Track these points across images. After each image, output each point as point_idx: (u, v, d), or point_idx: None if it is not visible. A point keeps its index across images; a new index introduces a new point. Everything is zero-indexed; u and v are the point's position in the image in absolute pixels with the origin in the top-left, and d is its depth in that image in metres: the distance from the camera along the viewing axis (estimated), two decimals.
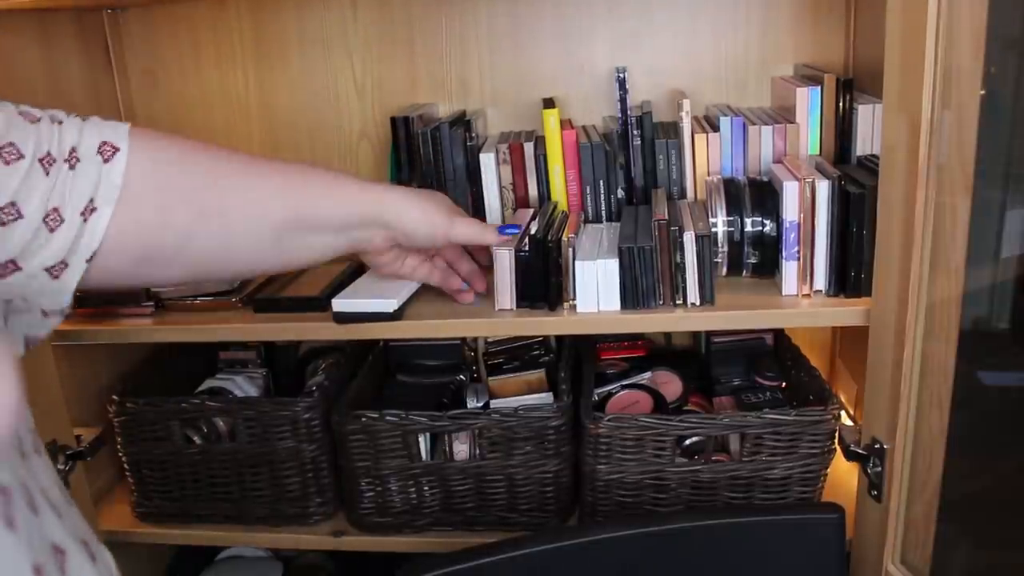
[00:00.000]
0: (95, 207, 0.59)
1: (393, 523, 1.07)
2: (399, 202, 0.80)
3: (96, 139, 0.61)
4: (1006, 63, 0.76)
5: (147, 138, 0.64)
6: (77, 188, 0.59)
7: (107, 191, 0.60)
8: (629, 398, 1.08)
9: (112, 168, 0.61)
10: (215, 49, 1.26)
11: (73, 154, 0.59)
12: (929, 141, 0.70)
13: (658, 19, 1.18)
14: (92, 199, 0.59)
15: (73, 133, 0.60)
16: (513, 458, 1.02)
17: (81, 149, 0.60)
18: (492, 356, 1.16)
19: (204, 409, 1.06)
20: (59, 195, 0.58)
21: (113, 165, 0.61)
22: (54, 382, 1.03)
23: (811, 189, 0.88)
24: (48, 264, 0.58)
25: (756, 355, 1.15)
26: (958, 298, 0.74)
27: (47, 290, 0.59)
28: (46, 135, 0.58)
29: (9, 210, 0.55)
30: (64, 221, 0.58)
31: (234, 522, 1.11)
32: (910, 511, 0.83)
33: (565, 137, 1.04)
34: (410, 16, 1.21)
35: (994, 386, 0.87)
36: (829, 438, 0.96)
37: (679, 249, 0.90)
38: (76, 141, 0.60)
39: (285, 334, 0.99)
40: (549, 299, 0.93)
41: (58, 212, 0.58)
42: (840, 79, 0.97)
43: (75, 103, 1.19)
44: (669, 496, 0.99)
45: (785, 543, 0.83)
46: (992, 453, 0.86)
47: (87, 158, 0.60)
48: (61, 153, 0.59)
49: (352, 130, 1.27)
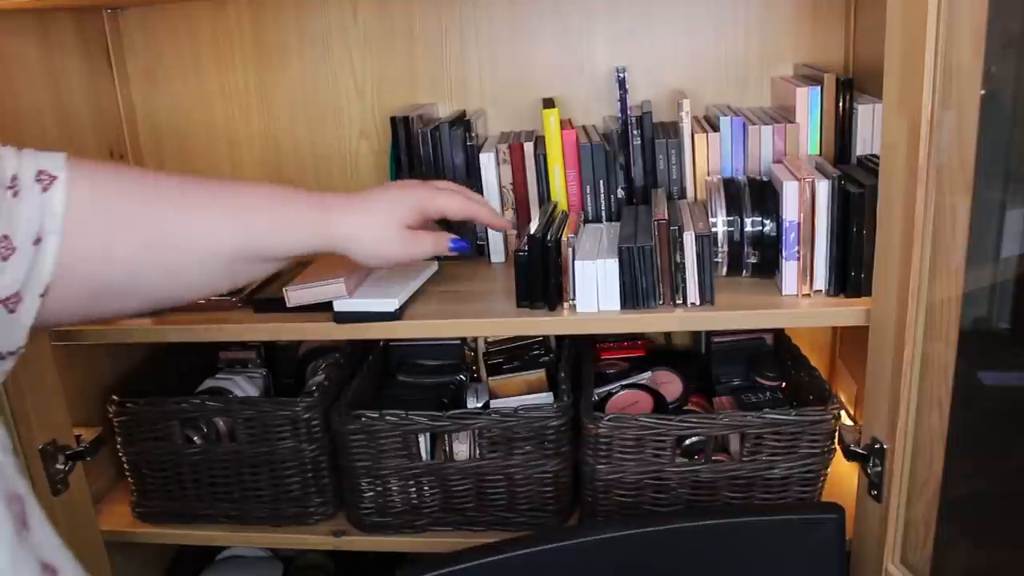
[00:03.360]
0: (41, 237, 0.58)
1: (393, 523, 1.07)
2: (349, 231, 0.77)
3: (33, 168, 0.59)
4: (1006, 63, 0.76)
5: (84, 167, 0.62)
6: (24, 216, 0.57)
7: (51, 220, 0.58)
8: (629, 398, 1.08)
9: (52, 197, 0.59)
10: (215, 49, 1.26)
11: (15, 181, 0.58)
12: (929, 141, 0.70)
13: (658, 19, 1.18)
14: (39, 229, 0.58)
15: (12, 162, 0.59)
16: (513, 458, 1.02)
17: (22, 178, 0.58)
18: (492, 356, 1.16)
19: (204, 409, 1.06)
20: (6, 222, 0.56)
21: (52, 193, 0.59)
22: (54, 382, 1.03)
23: (811, 189, 0.88)
24: (3, 296, 0.56)
25: (756, 355, 1.15)
26: (958, 298, 0.74)
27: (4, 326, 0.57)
28: None
29: None
30: (16, 250, 0.56)
31: (234, 522, 1.11)
32: (910, 511, 0.83)
33: (565, 137, 1.04)
34: (410, 16, 1.21)
35: (994, 386, 0.87)
36: (829, 438, 0.96)
37: (679, 249, 0.90)
38: (16, 169, 0.58)
39: (285, 334, 0.99)
40: (549, 299, 0.93)
41: (8, 240, 0.56)
42: (840, 79, 0.98)
43: (75, 103, 1.18)
44: (669, 496, 0.99)
45: (785, 543, 0.83)
46: (992, 453, 0.86)
47: (27, 187, 0.58)
48: (3, 180, 0.57)
49: (352, 130, 1.27)
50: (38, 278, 0.58)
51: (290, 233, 0.73)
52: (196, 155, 1.31)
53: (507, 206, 1.10)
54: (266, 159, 1.30)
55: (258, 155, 1.30)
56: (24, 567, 0.40)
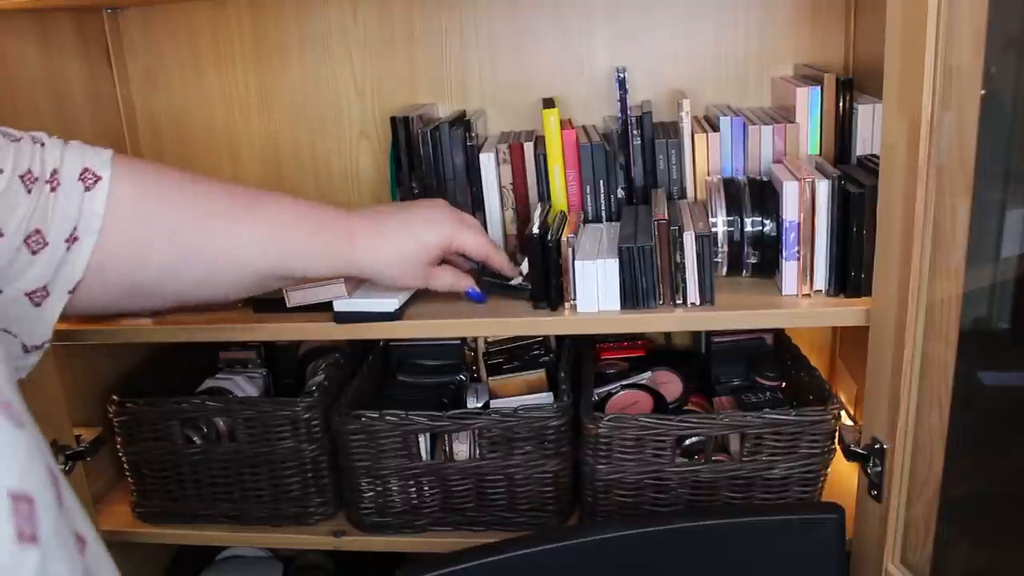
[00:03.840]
0: (77, 236, 0.57)
1: (393, 523, 1.07)
2: (373, 262, 0.79)
3: (78, 165, 0.59)
4: (1006, 63, 0.76)
5: (130, 168, 0.62)
6: (60, 212, 0.57)
7: (89, 221, 0.58)
8: (629, 398, 1.08)
9: (94, 197, 0.58)
10: (215, 49, 1.26)
11: (55, 176, 0.57)
12: (929, 141, 0.70)
13: (658, 19, 1.18)
14: (76, 227, 0.57)
15: (56, 155, 0.58)
16: (513, 458, 1.02)
17: (63, 173, 0.57)
18: (492, 356, 1.16)
19: (204, 409, 1.06)
20: (41, 216, 0.55)
21: (95, 194, 0.58)
22: (54, 382, 1.03)
23: (811, 189, 0.88)
24: (30, 289, 0.56)
25: (756, 355, 1.15)
26: (958, 298, 0.74)
27: (28, 318, 0.57)
28: (27, 153, 0.56)
29: None
30: (47, 245, 0.56)
31: (234, 522, 1.11)
32: (910, 511, 0.83)
33: (565, 137, 1.04)
34: (410, 16, 1.21)
35: (994, 386, 0.87)
36: (829, 438, 0.96)
37: (679, 249, 0.90)
38: (58, 163, 0.58)
39: (285, 334, 0.99)
40: (549, 299, 0.93)
41: (40, 234, 0.56)
42: (840, 79, 0.97)
43: (75, 103, 1.19)
44: (669, 496, 0.99)
45: (785, 543, 0.83)
46: (992, 453, 0.86)
47: (69, 183, 0.57)
48: (43, 173, 0.56)
49: (352, 130, 1.27)
50: (69, 276, 0.58)
51: (318, 257, 0.75)
52: (196, 155, 1.31)
53: (507, 206, 1.10)
54: (266, 159, 1.30)
55: (258, 155, 1.30)
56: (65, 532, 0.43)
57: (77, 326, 1.02)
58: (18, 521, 0.36)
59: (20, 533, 0.36)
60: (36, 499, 0.38)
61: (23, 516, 0.37)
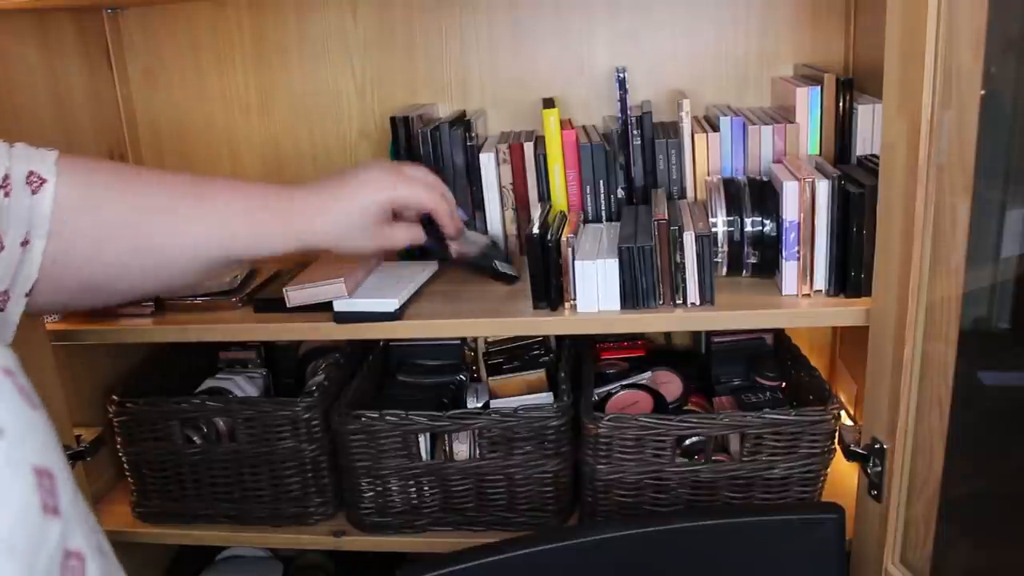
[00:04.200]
0: (28, 239, 0.58)
1: (393, 523, 1.07)
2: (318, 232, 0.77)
3: (24, 168, 0.59)
4: (1006, 63, 0.76)
5: (74, 168, 0.62)
6: (14, 216, 0.57)
7: (38, 224, 0.58)
8: (629, 398, 1.08)
9: (41, 199, 0.59)
10: (215, 49, 1.26)
11: (7, 181, 0.57)
12: (929, 141, 0.70)
13: (658, 19, 1.18)
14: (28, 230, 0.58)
15: (3, 160, 0.58)
16: (513, 458, 1.02)
17: (13, 177, 0.58)
18: (492, 356, 1.16)
19: (204, 409, 1.06)
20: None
21: (41, 197, 0.59)
22: (54, 382, 1.03)
23: (811, 189, 0.88)
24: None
25: (756, 355, 1.15)
26: (958, 298, 0.74)
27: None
28: None
29: None
30: (4, 248, 0.56)
31: (234, 522, 1.11)
32: (910, 511, 0.83)
33: (565, 137, 1.04)
34: (410, 16, 1.21)
35: (994, 386, 0.87)
36: (829, 438, 0.96)
37: (679, 249, 0.90)
38: (8, 168, 0.58)
39: (285, 334, 0.99)
40: (549, 299, 0.93)
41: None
42: (840, 79, 0.98)
43: (75, 103, 1.19)
44: (669, 496, 0.99)
45: (785, 543, 0.83)
46: (992, 453, 0.86)
47: (18, 188, 0.58)
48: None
49: (352, 130, 1.27)
50: (25, 278, 0.59)
51: (267, 238, 0.74)
52: (196, 155, 1.31)
53: (507, 206, 1.10)
54: (266, 159, 1.30)
55: (258, 155, 1.30)
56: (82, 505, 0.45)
57: (77, 326, 1.02)
58: (42, 495, 0.39)
59: (44, 505, 0.38)
60: (56, 474, 0.40)
61: (46, 490, 0.39)
